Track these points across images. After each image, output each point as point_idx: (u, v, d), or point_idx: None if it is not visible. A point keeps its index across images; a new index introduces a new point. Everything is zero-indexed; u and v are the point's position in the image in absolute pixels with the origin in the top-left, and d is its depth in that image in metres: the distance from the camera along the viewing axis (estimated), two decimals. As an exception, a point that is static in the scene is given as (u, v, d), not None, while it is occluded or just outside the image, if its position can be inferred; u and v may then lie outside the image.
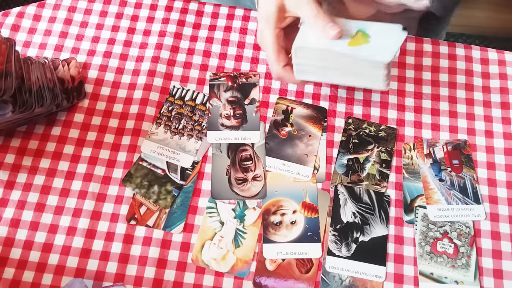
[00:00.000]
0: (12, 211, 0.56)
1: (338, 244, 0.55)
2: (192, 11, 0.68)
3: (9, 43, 0.50)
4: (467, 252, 0.55)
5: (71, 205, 0.56)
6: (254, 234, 0.56)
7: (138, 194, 0.57)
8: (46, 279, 0.53)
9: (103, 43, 0.66)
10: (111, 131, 0.60)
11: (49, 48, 0.65)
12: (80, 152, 0.59)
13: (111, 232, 0.55)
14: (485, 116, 0.62)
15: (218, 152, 0.60)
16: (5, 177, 0.58)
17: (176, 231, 0.55)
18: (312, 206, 0.57)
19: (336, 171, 0.59)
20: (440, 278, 0.53)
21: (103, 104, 0.62)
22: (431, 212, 0.56)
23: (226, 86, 0.63)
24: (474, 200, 0.57)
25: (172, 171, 0.58)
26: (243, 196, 0.57)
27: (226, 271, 0.54)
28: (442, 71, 0.64)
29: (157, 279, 0.53)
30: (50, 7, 0.68)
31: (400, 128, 0.61)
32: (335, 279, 0.53)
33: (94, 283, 0.53)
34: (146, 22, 0.67)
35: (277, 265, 0.54)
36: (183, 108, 0.62)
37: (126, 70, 0.64)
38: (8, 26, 0.66)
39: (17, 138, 0.60)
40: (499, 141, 0.60)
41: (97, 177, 0.58)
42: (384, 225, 0.56)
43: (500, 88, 0.63)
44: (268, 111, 0.62)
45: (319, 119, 0.61)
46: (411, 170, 0.59)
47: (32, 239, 0.55)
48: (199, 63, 0.65)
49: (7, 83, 0.50)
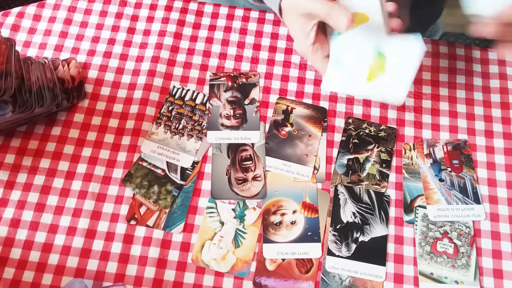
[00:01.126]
0: (12, 211, 0.56)
1: (338, 244, 0.55)
2: (192, 11, 0.68)
3: (9, 43, 0.50)
4: (467, 252, 0.55)
5: (71, 205, 0.56)
6: (254, 234, 0.56)
7: (138, 194, 0.57)
8: (46, 279, 0.53)
9: (103, 43, 0.66)
10: (111, 131, 0.60)
11: (49, 48, 0.65)
12: (80, 152, 0.59)
13: (111, 232, 0.55)
14: (485, 116, 0.62)
15: (218, 152, 0.60)
16: (5, 177, 0.58)
17: (176, 231, 0.55)
18: (312, 206, 0.57)
19: (336, 171, 0.59)
20: (440, 278, 0.53)
21: (103, 104, 0.62)
22: (431, 212, 0.56)
23: (226, 86, 0.63)
24: (474, 200, 0.57)
25: (172, 171, 0.58)
26: (243, 196, 0.57)
27: (226, 271, 0.54)
28: (442, 71, 0.64)
29: (157, 279, 0.53)
30: (50, 7, 0.68)
31: (400, 128, 0.61)
32: (335, 279, 0.53)
33: (94, 283, 0.53)
34: (146, 22, 0.67)
35: (277, 265, 0.54)
36: (183, 108, 0.62)
37: (126, 70, 0.64)
38: (8, 26, 0.66)
39: (17, 138, 0.60)
40: (499, 141, 0.60)
41: (97, 177, 0.58)
42: (384, 225, 0.56)
43: (500, 88, 0.63)
44: (268, 111, 0.62)
45: (319, 119, 0.61)
46: (411, 170, 0.59)
47: (32, 239, 0.55)
48: (199, 63, 0.65)
49: (7, 83, 0.50)
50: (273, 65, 0.64)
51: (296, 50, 0.53)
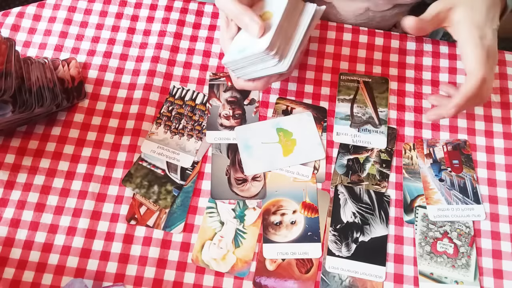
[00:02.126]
0: (12, 211, 0.56)
1: (338, 244, 0.55)
2: (192, 11, 0.68)
3: (9, 43, 0.50)
4: (467, 252, 0.55)
5: (71, 205, 0.56)
6: (254, 234, 0.56)
7: (138, 194, 0.57)
8: (46, 279, 0.53)
9: (103, 43, 0.66)
10: (111, 131, 0.60)
11: (49, 48, 0.65)
12: (80, 152, 0.59)
13: (111, 232, 0.55)
14: (485, 116, 0.62)
15: (218, 152, 0.60)
16: (5, 177, 0.58)
17: (176, 231, 0.55)
18: (312, 206, 0.57)
19: (336, 171, 0.59)
20: (440, 278, 0.53)
21: (103, 104, 0.62)
22: (431, 212, 0.56)
23: (226, 86, 0.63)
24: (474, 200, 0.57)
25: (172, 171, 0.58)
26: (243, 196, 0.57)
27: (226, 271, 0.54)
28: (442, 71, 0.64)
29: (157, 279, 0.53)
30: (50, 7, 0.68)
31: (400, 128, 0.61)
32: (335, 279, 0.53)
33: (94, 283, 0.53)
34: (146, 22, 0.67)
35: (277, 265, 0.54)
36: (183, 108, 0.62)
37: (126, 70, 0.64)
38: (8, 26, 0.66)
39: (17, 138, 0.60)
40: (499, 141, 0.60)
41: (97, 177, 0.58)
42: (384, 225, 0.56)
43: (500, 88, 0.63)
44: (268, 111, 0.62)
45: (319, 119, 0.61)
46: (411, 170, 0.59)
47: (32, 239, 0.55)
48: (199, 63, 0.65)
49: (7, 83, 0.50)
50: (273, 65, 0.64)
51: (219, 40, 0.53)
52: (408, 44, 0.66)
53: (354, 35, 0.66)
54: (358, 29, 0.66)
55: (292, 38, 0.48)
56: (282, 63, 0.47)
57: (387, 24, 0.70)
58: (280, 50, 0.47)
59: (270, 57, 0.47)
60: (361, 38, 0.66)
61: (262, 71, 0.49)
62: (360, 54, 0.65)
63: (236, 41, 0.50)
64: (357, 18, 0.68)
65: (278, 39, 0.46)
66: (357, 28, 0.66)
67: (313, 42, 0.66)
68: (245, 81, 0.53)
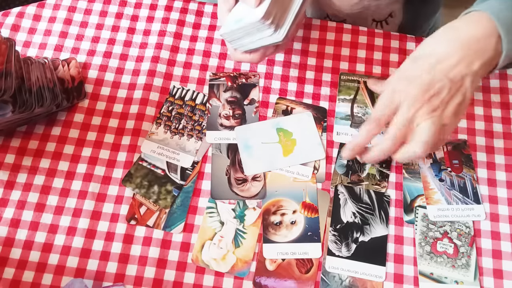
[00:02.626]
0: (12, 211, 0.56)
1: (338, 244, 0.55)
2: (192, 11, 0.68)
3: (9, 43, 0.50)
4: (467, 252, 0.55)
5: (71, 205, 0.56)
6: (254, 234, 0.56)
7: (138, 194, 0.57)
8: (46, 279, 0.53)
9: (103, 43, 0.66)
10: (111, 131, 0.60)
11: (49, 48, 0.65)
12: (80, 152, 0.59)
13: (111, 232, 0.55)
14: (485, 116, 0.62)
15: (218, 152, 0.60)
16: (5, 177, 0.58)
17: (176, 231, 0.55)
18: (312, 206, 0.57)
19: (336, 171, 0.59)
20: (440, 278, 0.53)
21: (103, 104, 0.62)
22: (431, 212, 0.56)
23: (226, 86, 0.63)
24: (474, 200, 0.57)
25: (172, 171, 0.58)
26: (243, 196, 0.57)
27: (226, 271, 0.54)
28: (442, 71, 0.64)
29: (157, 279, 0.53)
30: (50, 7, 0.68)
31: (400, 128, 0.61)
32: (335, 279, 0.53)
33: (94, 283, 0.53)
34: (146, 22, 0.67)
35: (277, 265, 0.54)
36: (183, 108, 0.62)
37: (126, 70, 0.64)
38: (8, 26, 0.66)
39: (17, 138, 0.60)
40: (499, 141, 0.60)
41: (97, 177, 0.58)
42: (384, 225, 0.56)
43: (500, 88, 0.63)
44: (268, 111, 0.62)
45: (319, 119, 0.61)
46: (411, 170, 0.59)
47: (32, 239, 0.55)
48: (199, 63, 0.65)
49: (7, 83, 0.50)
50: (273, 65, 0.64)
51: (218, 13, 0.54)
52: (408, 44, 0.66)
53: (354, 36, 0.66)
54: (358, 29, 0.66)
55: (289, 8, 0.48)
56: (278, 32, 0.48)
57: (383, 13, 0.70)
58: (276, 19, 0.47)
59: (266, 27, 0.47)
60: (360, 38, 0.66)
61: (258, 41, 0.50)
62: (360, 55, 0.65)
63: (233, 13, 0.51)
64: (353, 7, 0.67)
65: (274, 8, 0.47)
66: (357, 29, 0.66)
67: (313, 43, 0.66)
68: (242, 53, 0.53)
